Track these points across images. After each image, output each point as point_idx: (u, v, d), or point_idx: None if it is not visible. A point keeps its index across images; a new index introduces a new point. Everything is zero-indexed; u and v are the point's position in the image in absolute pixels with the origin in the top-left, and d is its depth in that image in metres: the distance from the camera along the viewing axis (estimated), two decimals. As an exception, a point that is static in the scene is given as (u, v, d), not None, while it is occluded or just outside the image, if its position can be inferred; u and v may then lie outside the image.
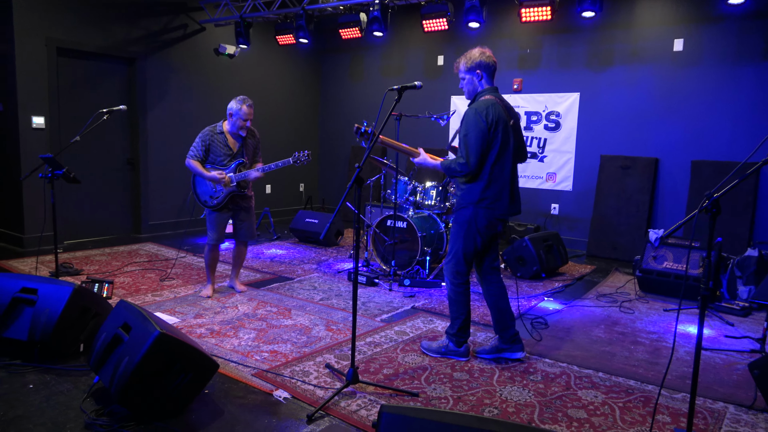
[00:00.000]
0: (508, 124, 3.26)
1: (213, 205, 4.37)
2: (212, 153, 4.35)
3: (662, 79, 6.42)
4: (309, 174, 9.57)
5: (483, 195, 3.24)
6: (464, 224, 3.31)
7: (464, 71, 3.33)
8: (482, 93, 3.30)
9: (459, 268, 3.36)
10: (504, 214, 3.30)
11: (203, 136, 4.34)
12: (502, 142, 3.20)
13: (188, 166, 4.37)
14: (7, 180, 6.15)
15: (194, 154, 4.34)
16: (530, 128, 7.35)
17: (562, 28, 6.96)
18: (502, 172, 3.24)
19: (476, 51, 3.31)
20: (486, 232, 3.31)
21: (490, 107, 3.18)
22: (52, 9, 6.01)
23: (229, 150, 4.37)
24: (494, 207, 3.26)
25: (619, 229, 6.60)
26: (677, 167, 6.39)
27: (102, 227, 6.86)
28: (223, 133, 4.36)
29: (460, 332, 3.42)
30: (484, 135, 3.15)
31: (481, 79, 3.31)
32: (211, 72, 7.74)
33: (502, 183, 3.25)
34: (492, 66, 3.31)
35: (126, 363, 2.54)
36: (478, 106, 3.20)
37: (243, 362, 3.28)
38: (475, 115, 3.17)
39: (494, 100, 3.23)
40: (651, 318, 4.42)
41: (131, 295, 4.56)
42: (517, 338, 3.46)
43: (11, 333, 3.21)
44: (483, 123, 3.14)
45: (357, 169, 2.80)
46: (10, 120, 5.98)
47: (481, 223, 3.27)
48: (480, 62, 3.27)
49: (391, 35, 8.39)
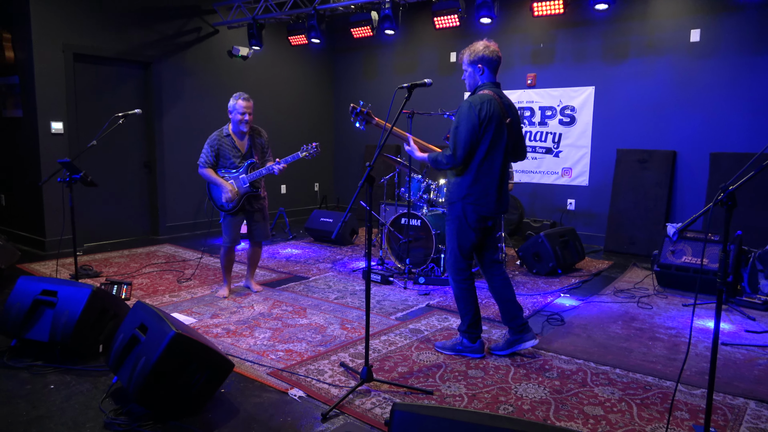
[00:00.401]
0: (503, 121, 3.22)
1: (230, 209, 4.41)
2: (222, 157, 4.36)
3: (679, 70, 6.32)
4: (323, 173, 9.60)
5: (469, 191, 3.23)
6: (455, 220, 3.33)
7: (467, 63, 3.32)
8: (482, 87, 3.28)
9: (459, 264, 3.37)
10: (490, 212, 3.28)
11: (211, 142, 4.34)
12: (493, 138, 3.18)
13: (201, 175, 4.38)
14: (28, 185, 6.28)
15: (205, 161, 4.35)
16: (545, 123, 7.29)
17: (575, 21, 6.88)
18: (490, 169, 3.22)
19: (480, 44, 3.29)
20: (477, 227, 3.31)
21: (486, 102, 3.15)
22: (68, 16, 6.11)
23: (238, 152, 4.38)
24: (480, 204, 3.24)
25: (636, 224, 6.51)
26: (695, 160, 6.29)
27: (121, 229, 6.97)
28: (230, 135, 4.36)
29: (471, 328, 3.41)
30: (474, 129, 3.13)
31: (482, 74, 3.29)
32: (225, 74, 7.80)
33: (490, 180, 3.23)
34: (495, 60, 3.29)
35: (143, 363, 2.58)
36: (473, 100, 3.18)
37: (258, 361, 3.31)
38: (468, 109, 3.15)
39: (492, 96, 3.20)
40: (670, 313, 4.35)
41: (149, 296, 4.63)
42: (526, 327, 3.44)
43: (33, 334, 3.29)
44: (475, 117, 3.12)
45: (368, 168, 2.81)
46: (30, 126, 6.10)
47: (471, 218, 3.27)
48: (483, 56, 3.26)
49: (403, 33, 8.37)
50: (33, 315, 3.32)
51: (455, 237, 3.33)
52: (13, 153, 6.52)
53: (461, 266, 3.37)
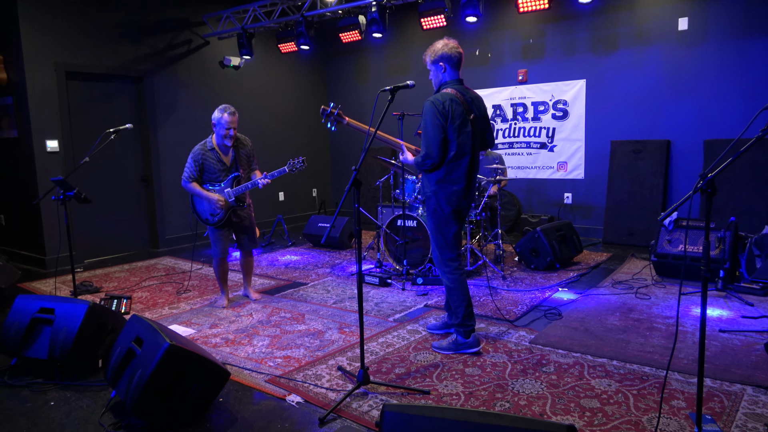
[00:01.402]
0: (467, 118, 3.30)
1: (215, 223, 4.42)
2: (206, 171, 4.33)
3: (669, 59, 6.32)
4: (321, 179, 9.63)
5: (438, 185, 3.34)
6: (433, 214, 3.42)
7: (429, 64, 3.42)
8: (444, 85, 3.37)
9: (446, 255, 3.44)
10: (459, 203, 3.37)
11: (195, 156, 4.30)
12: (458, 134, 3.26)
13: (186, 188, 4.37)
14: (26, 204, 6.32)
15: (189, 176, 4.32)
16: (538, 118, 7.30)
17: (563, 15, 6.89)
18: (458, 164, 3.32)
19: (440, 43, 3.38)
20: (455, 217, 3.39)
21: (447, 101, 3.24)
22: (59, 34, 6.16)
23: (223, 165, 4.35)
24: (450, 195, 3.34)
25: (634, 214, 6.51)
26: (690, 148, 6.28)
27: (121, 244, 7.01)
28: (214, 149, 4.32)
29: (466, 319, 3.43)
30: (440, 127, 3.22)
31: (444, 71, 3.38)
32: (218, 84, 7.84)
33: (458, 175, 3.33)
34: (455, 57, 3.36)
35: (139, 376, 2.60)
36: (434, 99, 3.27)
37: (257, 369, 3.33)
38: (431, 107, 3.24)
39: (453, 94, 3.28)
40: (668, 303, 4.35)
41: (149, 309, 4.65)
42: None
43: (32, 352, 3.31)
44: (439, 115, 3.21)
45: (354, 172, 2.83)
46: (26, 145, 6.14)
47: (446, 209, 3.36)
48: (443, 54, 3.34)
49: (392, 35, 8.40)
50: (32, 333, 3.35)
51: (437, 229, 3.42)
52: (11, 173, 6.56)
53: (449, 256, 3.44)
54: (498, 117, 7.51)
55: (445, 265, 3.44)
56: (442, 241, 3.42)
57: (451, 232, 3.41)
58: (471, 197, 3.45)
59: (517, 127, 7.46)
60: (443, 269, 3.46)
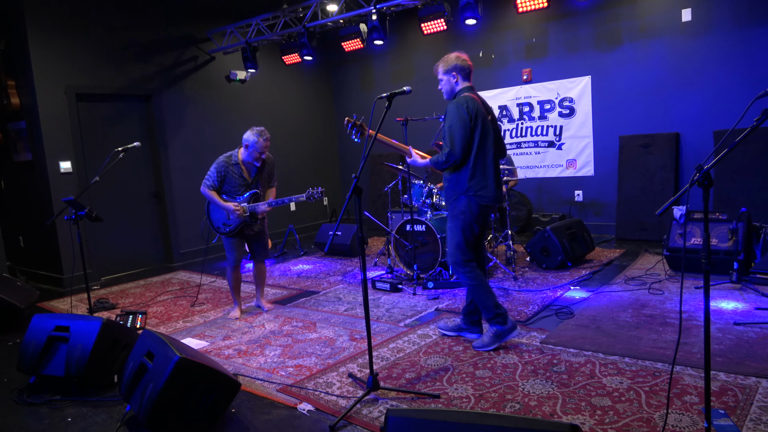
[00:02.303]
0: (486, 117, 3.51)
1: (226, 232, 4.49)
2: (227, 183, 4.42)
3: (674, 51, 6.26)
4: (331, 187, 9.68)
5: (469, 184, 3.47)
6: (460, 215, 3.51)
7: (442, 73, 3.63)
8: (461, 91, 3.57)
9: (464, 257, 3.53)
10: (491, 201, 3.51)
11: (218, 167, 4.40)
12: (482, 133, 3.45)
13: (204, 194, 4.49)
14: (42, 225, 6.45)
15: (210, 184, 4.43)
16: (545, 117, 7.27)
17: (564, 12, 6.87)
18: (485, 162, 3.48)
19: (453, 56, 3.61)
20: (480, 220, 3.53)
21: (469, 101, 3.46)
22: (68, 58, 6.30)
23: (244, 180, 4.44)
24: (481, 195, 3.48)
25: (645, 209, 6.45)
26: (699, 140, 6.21)
27: (136, 260, 7.11)
28: (239, 164, 4.42)
29: (497, 309, 3.52)
30: (466, 125, 3.40)
31: (456, 81, 3.60)
32: (225, 99, 7.94)
33: (486, 172, 3.48)
34: (467, 68, 3.60)
35: (151, 389, 2.64)
36: (458, 101, 3.48)
37: (268, 379, 3.36)
38: (456, 108, 3.44)
39: (472, 96, 3.50)
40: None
41: (163, 323, 4.72)
42: (479, 323, 3.76)
43: (49, 370, 3.38)
44: (465, 114, 3.40)
45: (354, 180, 2.85)
46: (40, 167, 6.28)
47: (475, 211, 3.48)
48: (456, 65, 3.57)
49: (395, 41, 8.44)
50: (48, 351, 3.42)
51: (460, 231, 3.51)
52: (27, 195, 6.71)
53: (467, 258, 3.54)
54: (504, 117, 7.50)
55: (462, 265, 3.53)
56: (463, 242, 3.51)
57: (472, 235, 3.53)
58: (499, 195, 3.56)
59: (524, 127, 7.44)
60: (462, 270, 3.53)
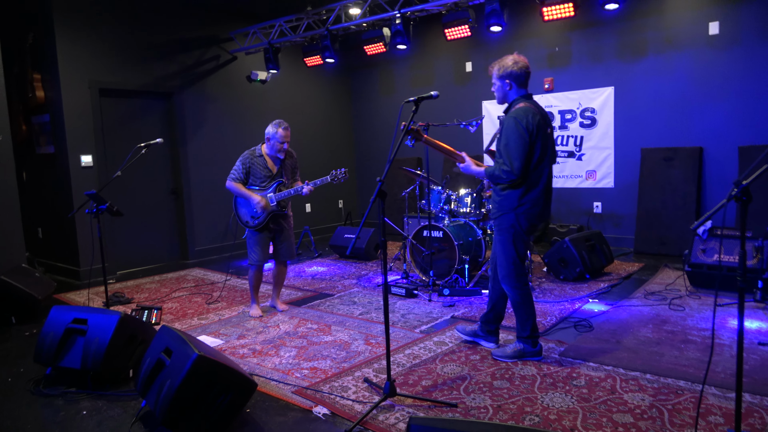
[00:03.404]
0: (546, 131, 3.35)
1: (254, 225, 4.50)
2: (252, 175, 4.50)
3: (700, 64, 6.18)
4: (347, 190, 9.67)
5: (521, 201, 3.36)
6: (510, 230, 3.41)
7: (495, 77, 3.44)
8: (517, 100, 3.38)
9: (519, 271, 3.45)
10: (540, 219, 3.44)
11: (243, 159, 4.51)
12: (541, 149, 3.31)
13: (229, 188, 4.54)
14: (62, 218, 6.51)
15: (235, 177, 4.51)
16: (565, 127, 7.21)
17: (589, 22, 6.82)
18: (539, 178, 3.36)
19: (509, 59, 3.38)
20: (529, 236, 3.47)
21: (530, 116, 3.26)
22: (93, 53, 6.36)
23: (269, 171, 4.52)
24: (531, 213, 3.38)
25: (665, 223, 6.36)
26: (723, 154, 6.12)
27: (152, 256, 7.15)
28: (263, 155, 4.52)
29: (534, 331, 3.49)
30: (525, 143, 3.24)
31: (510, 88, 3.40)
32: (245, 99, 7.98)
33: (540, 190, 3.37)
34: (523, 75, 3.38)
35: (168, 386, 2.63)
36: (517, 115, 3.27)
37: (283, 380, 3.34)
38: (515, 124, 3.24)
39: (532, 109, 3.30)
40: (703, 314, 4.22)
41: (178, 320, 4.72)
42: (495, 333, 3.73)
43: (66, 362, 3.39)
44: (524, 130, 3.22)
45: (378, 183, 2.83)
46: (62, 160, 6.34)
47: (524, 226, 3.40)
48: (511, 72, 3.35)
49: (417, 46, 8.43)
50: (65, 343, 3.43)
51: (512, 246, 3.41)
52: (48, 187, 6.77)
53: (520, 272, 3.46)
54: (524, 126, 7.43)
55: (515, 280, 3.44)
56: (515, 256, 3.42)
57: (523, 248, 3.44)
58: (548, 213, 3.48)
59: (544, 136, 7.37)
60: (514, 284, 3.45)
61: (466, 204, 5.43)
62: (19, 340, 4.39)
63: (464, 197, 5.44)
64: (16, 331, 4.61)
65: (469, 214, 5.43)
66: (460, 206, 5.44)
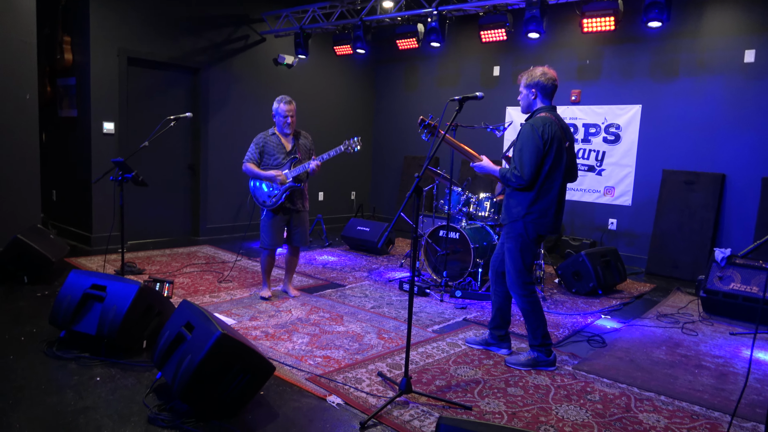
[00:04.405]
0: (563, 144, 3.37)
1: (271, 205, 4.49)
2: (266, 154, 4.54)
3: (731, 91, 6.15)
4: (361, 182, 9.66)
5: (530, 209, 3.38)
6: (518, 237, 3.44)
7: (523, 86, 3.50)
8: (540, 110, 3.42)
9: (525, 279, 3.46)
10: (548, 230, 3.44)
11: (257, 140, 4.57)
12: (554, 160, 3.33)
13: (245, 171, 4.55)
14: (78, 182, 6.50)
15: (249, 158, 4.54)
16: (588, 141, 7.18)
17: (624, 37, 6.78)
18: (550, 189, 3.38)
19: (538, 70, 3.43)
20: (536, 244, 3.49)
21: (547, 125, 3.31)
22: (125, 22, 6.34)
23: (283, 149, 4.55)
24: (539, 222, 3.40)
25: (680, 247, 6.33)
26: (746, 184, 6.08)
27: (163, 229, 7.14)
28: (276, 134, 4.58)
29: (545, 339, 3.49)
30: (539, 151, 3.28)
31: (535, 98, 3.45)
32: (270, 81, 7.95)
33: (550, 200, 3.39)
34: (550, 87, 3.43)
35: (189, 361, 2.62)
36: (535, 122, 3.33)
37: (297, 366, 3.33)
38: (531, 131, 3.30)
39: (552, 119, 3.35)
40: (716, 341, 4.21)
41: (190, 295, 4.72)
42: (506, 338, 3.74)
43: (82, 327, 3.38)
44: (539, 139, 3.27)
45: (416, 179, 2.81)
46: (83, 125, 6.33)
47: (532, 235, 3.42)
48: (538, 82, 3.41)
49: (447, 45, 8.37)
50: (82, 308, 3.42)
51: (519, 253, 3.43)
52: (66, 151, 6.77)
53: (526, 279, 3.47)
54: (546, 136, 7.41)
55: (522, 288, 3.46)
56: (521, 264, 3.44)
57: (530, 257, 3.45)
58: (558, 225, 3.46)
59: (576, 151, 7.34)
60: (520, 292, 3.47)
61: (485, 208, 5.40)
62: (31, 300, 4.39)
63: (483, 201, 5.41)
64: (28, 290, 4.61)
65: (486, 219, 5.41)
66: (479, 210, 5.42)
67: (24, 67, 5.25)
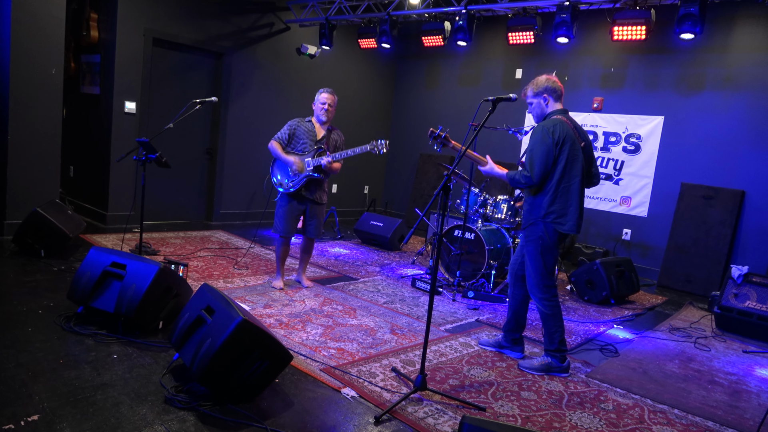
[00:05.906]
0: (577, 143, 3.38)
1: (289, 188, 4.49)
2: (296, 137, 4.58)
3: (756, 108, 6.09)
4: (374, 177, 9.65)
5: (549, 209, 3.38)
6: (538, 240, 3.43)
7: (531, 96, 3.52)
8: (552, 113, 3.46)
9: (547, 282, 3.45)
10: (569, 230, 3.41)
11: (291, 123, 4.62)
12: (568, 159, 3.33)
13: (269, 148, 4.60)
14: (97, 159, 6.53)
15: (278, 137, 4.59)
16: (607, 149, 7.14)
17: (651, 48, 6.72)
18: (568, 189, 3.37)
19: (543, 78, 3.50)
20: (558, 245, 3.46)
21: (558, 125, 3.34)
22: (152, 2, 6.35)
23: (314, 136, 4.58)
24: (560, 222, 3.38)
25: (694, 261, 6.30)
26: (765, 203, 6.04)
27: (177, 211, 7.17)
28: (311, 122, 4.63)
29: (561, 345, 3.49)
30: (549, 150, 3.29)
31: (547, 103, 3.48)
32: (291, 70, 7.95)
33: (568, 199, 3.37)
34: (558, 90, 3.48)
35: (209, 344, 2.63)
36: (546, 124, 3.38)
37: (311, 356, 3.34)
38: (541, 132, 3.34)
39: (563, 120, 3.40)
40: (729, 358, 4.18)
41: (205, 279, 4.74)
42: (520, 342, 3.73)
43: (100, 304, 3.40)
44: (549, 139, 3.30)
45: (445, 177, 2.81)
46: (105, 103, 6.35)
47: (552, 236, 3.40)
48: (547, 87, 3.46)
49: (471, 45, 8.35)
50: (101, 285, 3.44)
51: (540, 257, 3.42)
52: (87, 128, 6.79)
53: (548, 283, 3.46)
54: (565, 142, 7.37)
55: (544, 291, 3.45)
56: (543, 268, 3.43)
57: (552, 260, 3.44)
58: (579, 224, 3.43)
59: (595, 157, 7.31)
60: (541, 296, 3.46)
61: (502, 210, 5.39)
62: (47, 273, 4.41)
63: (501, 203, 5.40)
64: (45, 264, 4.64)
65: (502, 221, 5.40)
66: (496, 212, 5.41)
67: (51, 41, 5.27)
